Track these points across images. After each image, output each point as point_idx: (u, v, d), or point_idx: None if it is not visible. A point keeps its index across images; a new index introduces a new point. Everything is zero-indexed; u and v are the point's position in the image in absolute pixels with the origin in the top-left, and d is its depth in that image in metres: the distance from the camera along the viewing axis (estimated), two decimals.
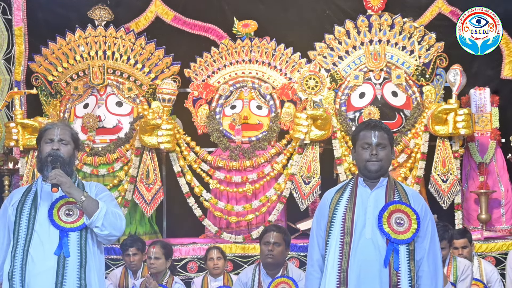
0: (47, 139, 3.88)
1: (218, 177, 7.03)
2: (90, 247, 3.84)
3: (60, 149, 3.84)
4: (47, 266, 3.72)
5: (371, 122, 3.79)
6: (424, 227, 3.66)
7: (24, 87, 7.54)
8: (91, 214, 3.75)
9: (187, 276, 6.72)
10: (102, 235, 3.80)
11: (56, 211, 3.79)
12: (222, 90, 7.24)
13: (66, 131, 3.91)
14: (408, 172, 6.84)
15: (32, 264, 3.73)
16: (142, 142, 6.84)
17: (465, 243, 5.78)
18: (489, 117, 7.06)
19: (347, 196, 3.72)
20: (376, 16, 7.12)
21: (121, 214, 3.88)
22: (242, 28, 7.32)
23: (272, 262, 5.35)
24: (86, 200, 3.75)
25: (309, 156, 6.82)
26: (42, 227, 3.77)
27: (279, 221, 6.99)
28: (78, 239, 3.79)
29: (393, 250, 3.57)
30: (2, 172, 7.27)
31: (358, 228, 3.62)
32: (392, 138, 3.76)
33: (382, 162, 3.67)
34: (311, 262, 3.75)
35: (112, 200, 3.98)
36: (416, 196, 3.75)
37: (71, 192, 3.74)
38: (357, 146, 3.74)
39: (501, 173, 7.07)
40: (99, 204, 3.78)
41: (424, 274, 3.62)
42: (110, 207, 3.82)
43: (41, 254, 3.74)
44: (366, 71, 7.11)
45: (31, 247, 3.74)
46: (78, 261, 3.77)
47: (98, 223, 3.75)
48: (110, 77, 7.26)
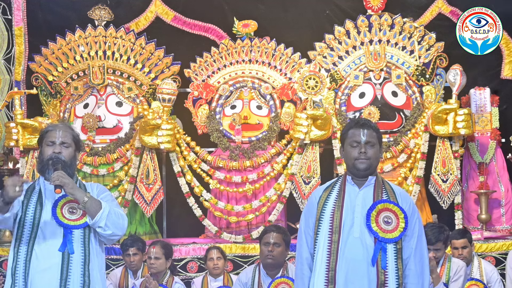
0: (49, 141, 3.88)
1: (218, 177, 7.03)
2: (93, 244, 3.86)
3: (61, 152, 3.84)
4: (52, 263, 3.74)
5: (360, 120, 3.80)
6: (412, 226, 3.66)
7: (24, 87, 7.54)
8: (94, 214, 3.76)
9: (187, 276, 6.72)
10: (105, 234, 3.82)
11: (60, 208, 3.81)
12: (222, 90, 7.25)
13: (67, 133, 3.91)
14: (408, 172, 6.84)
15: (36, 261, 3.74)
16: (142, 142, 6.84)
17: (465, 243, 5.79)
18: (489, 117, 7.06)
19: (335, 195, 3.72)
20: (376, 16, 7.12)
21: (123, 214, 3.90)
22: (242, 28, 7.32)
23: (272, 263, 5.35)
24: (89, 201, 3.76)
25: (309, 156, 6.82)
26: (47, 224, 3.79)
27: (279, 221, 7.00)
28: (81, 236, 3.81)
29: (381, 248, 3.58)
30: (2, 172, 7.27)
31: (346, 226, 3.63)
32: (381, 137, 3.76)
33: (370, 160, 3.68)
34: (301, 261, 3.74)
35: (113, 200, 4.00)
36: (404, 195, 3.76)
37: (74, 193, 3.75)
38: (345, 144, 3.74)
39: (501, 173, 7.07)
40: (101, 204, 3.79)
41: (411, 273, 3.63)
42: (112, 207, 3.84)
43: (45, 251, 3.76)
44: (366, 71, 7.11)
45: (35, 244, 3.76)
46: (82, 258, 3.78)
47: (101, 223, 3.77)
48: (110, 77, 7.26)
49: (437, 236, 5.31)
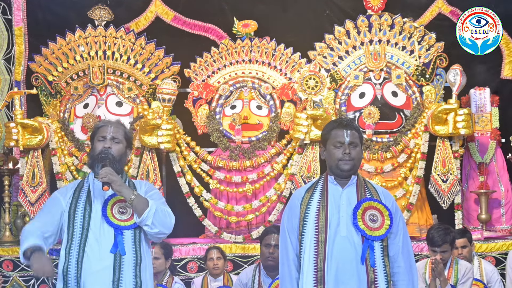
0: (100, 136, 3.89)
1: (218, 177, 7.03)
2: (143, 245, 3.86)
3: (111, 147, 3.85)
4: (104, 265, 3.73)
5: (343, 121, 3.81)
6: (396, 223, 3.70)
7: (24, 87, 7.54)
8: (141, 212, 3.76)
9: (187, 276, 6.72)
10: (152, 233, 3.82)
11: (110, 208, 3.80)
12: (222, 90, 7.25)
13: (119, 129, 3.92)
14: (408, 172, 6.85)
15: (88, 263, 3.73)
16: (142, 142, 6.84)
17: (465, 243, 5.79)
18: (489, 117, 7.06)
19: (318, 195, 3.73)
20: (376, 16, 7.12)
21: (170, 212, 3.90)
22: (242, 28, 7.32)
23: (273, 264, 5.35)
24: (136, 199, 3.76)
25: (309, 156, 6.82)
26: (96, 224, 3.79)
27: (279, 221, 6.98)
28: (132, 237, 3.81)
29: (369, 246, 3.60)
30: (2, 172, 7.27)
31: (333, 226, 3.64)
32: (362, 137, 3.80)
33: (354, 161, 3.71)
34: (287, 263, 3.72)
35: (161, 198, 3.98)
36: (386, 193, 3.80)
37: (121, 190, 3.75)
38: (328, 145, 3.75)
39: (501, 173, 7.07)
40: (148, 202, 3.79)
41: (400, 270, 3.66)
42: (160, 206, 3.84)
43: (97, 252, 3.75)
44: (366, 71, 7.11)
45: (87, 245, 3.75)
46: (133, 259, 3.78)
47: (148, 221, 3.77)
48: (110, 77, 7.26)
49: (444, 238, 5.29)
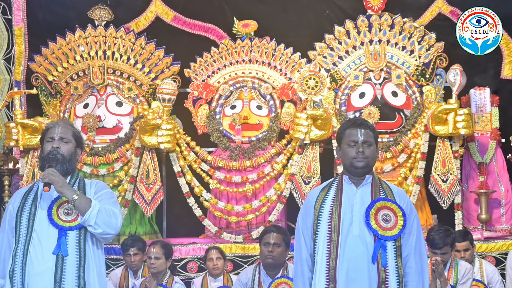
0: (48, 137, 3.88)
1: (218, 177, 7.03)
2: (90, 246, 3.82)
3: (60, 147, 3.84)
4: (46, 266, 3.71)
5: (357, 120, 3.82)
6: (410, 223, 3.69)
7: (24, 87, 7.54)
8: (84, 213, 3.73)
9: (187, 276, 6.72)
10: (96, 233, 3.78)
11: (56, 209, 3.78)
12: (222, 90, 7.24)
13: (67, 129, 3.91)
14: (408, 172, 6.84)
15: (31, 264, 3.72)
16: (142, 142, 6.84)
17: (467, 246, 5.75)
18: (489, 117, 7.06)
19: (332, 194, 3.74)
20: (376, 16, 7.12)
21: (116, 212, 3.84)
22: (242, 28, 7.32)
23: (272, 263, 5.36)
24: (78, 199, 3.73)
25: (309, 156, 6.82)
26: (42, 226, 3.77)
27: (279, 221, 7.00)
28: (77, 237, 3.78)
29: (381, 246, 3.60)
30: (2, 172, 7.27)
31: (345, 225, 3.64)
32: (377, 137, 3.80)
33: (368, 159, 3.70)
34: (301, 262, 3.74)
35: (111, 197, 3.95)
36: (401, 193, 3.79)
37: (63, 191, 3.72)
38: (342, 144, 3.76)
39: (501, 173, 7.07)
40: (91, 202, 3.76)
41: (411, 270, 3.66)
42: (104, 206, 3.80)
43: (40, 254, 3.73)
44: (366, 71, 7.11)
45: (30, 247, 3.74)
46: (76, 260, 3.75)
47: (91, 222, 3.73)
48: (110, 77, 7.26)
49: (444, 240, 5.28)
